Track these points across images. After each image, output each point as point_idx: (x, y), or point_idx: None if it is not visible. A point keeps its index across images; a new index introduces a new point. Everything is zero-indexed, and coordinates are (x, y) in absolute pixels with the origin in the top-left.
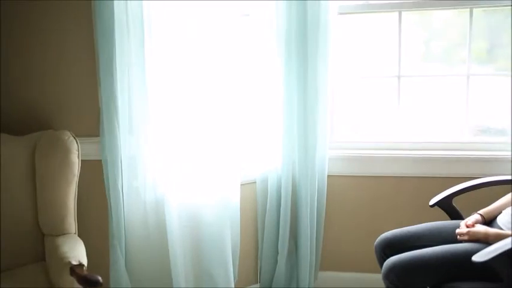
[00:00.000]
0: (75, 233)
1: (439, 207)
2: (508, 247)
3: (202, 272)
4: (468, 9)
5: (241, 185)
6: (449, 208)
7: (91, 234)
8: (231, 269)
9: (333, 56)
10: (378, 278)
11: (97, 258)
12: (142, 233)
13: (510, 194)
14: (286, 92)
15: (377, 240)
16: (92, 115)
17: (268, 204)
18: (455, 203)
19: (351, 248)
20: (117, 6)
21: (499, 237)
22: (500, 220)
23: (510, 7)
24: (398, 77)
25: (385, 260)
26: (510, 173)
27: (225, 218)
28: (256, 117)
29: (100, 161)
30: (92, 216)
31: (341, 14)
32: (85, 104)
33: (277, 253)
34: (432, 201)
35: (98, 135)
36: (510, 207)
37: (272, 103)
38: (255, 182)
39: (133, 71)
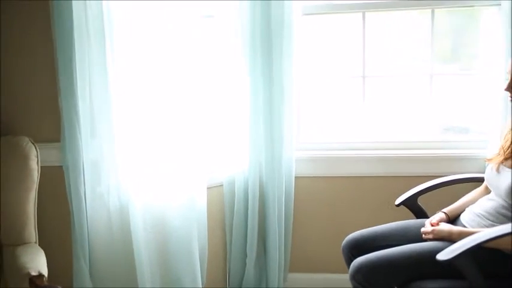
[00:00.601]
0: (35, 242)
1: (405, 206)
2: (470, 245)
3: (169, 277)
4: (430, 10)
5: (208, 188)
6: (415, 207)
7: (53, 242)
8: (199, 273)
9: (298, 57)
10: (347, 278)
11: (60, 267)
12: (106, 240)
13: (473, 191)
14: (252, 94)
15: (344, 241)
16: (52, 119)
17: (235, 206)
18: (421, 201)
19: (320, 249)
20: (76, 6)
21: (462, 235)
22: (463, 218)
23: (472, 7)
24: (363, 77)
25: (352, 261)
26: (474, 170)
27: (191, 222)
28: (222, 119)
29: (62, 166)
30: (54, 224)
31: (306, 14)
32: (45, 108)
33: (246, 255)
34: (398, 201)
35: (59, 140)
36: (473, 205)
37: (238, 105)
38: (222, 185)
39: (94, 73)
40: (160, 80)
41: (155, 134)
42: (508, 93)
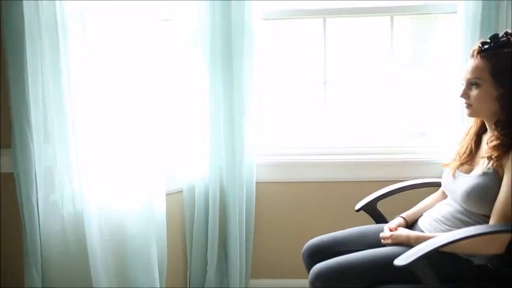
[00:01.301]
0: None
1: (364, 211)
2: (427, 250)
3: (127, 285)
4: (389, 17)
5: (167, 194)
6: (374, 212)
7: (4, 253)
8: (157, 280)
9: (259, 62)
10: None
11: (11, 279)
12: (60, 250)
13: (430, 196)
14: (212, 98)
15: (304, 247)
16: (3, 125)
17: (196, 212)
18: (380, 206)
19: (282, 255)
20: (27, 7)
21: (420, 240)
22: (421, 223)
23: (431, 14)
24: (325, 83)
25: (312, 267)
26: (432, 175)
27: (150, 230)
28: (182, 124)
29: (13, 173)
30: (5, 233)
31: (266, 19)
32: None
33: (207, 262)
34: (357, 206)
35: (10, 147)
36: (430, 210)
37: (198, 109)
38: (182, 191)
39: (47, 76)
40: (118, 84)
41: (112, 139)
42: (464, 100)
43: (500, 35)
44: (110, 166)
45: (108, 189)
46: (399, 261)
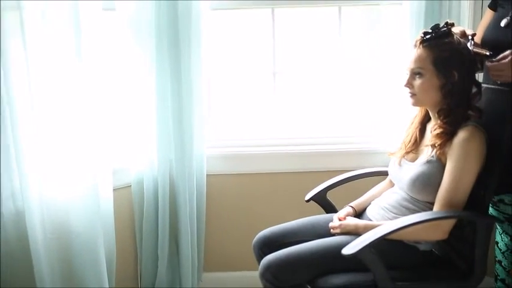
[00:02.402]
0: None
1: (315, 201)
2: (373, 238)
3: (73, 284)
4: (337, 7)
5: (115, 189)
6: (324, 202)
7: None
8: (106, 280)
9: (208, 53)
10: None
11: None
12: (1, 250)
13: (378, 185)
14: (159, 90)
15: (254, 239)
16: None
17: (145, 206)
18: (330, 196)
19: (234, 247)
20: None
21: (367, 229)
22: (369, 211)
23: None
24: (274, 74)
25: (263, 258)
26: (381, 164)
27: (96, 227)
28: (129, 117)
29: None
30: None
31: (214, 9)
32: None
33: (158, 257)
34: (307, 197)
35: None
36: (378, 199)
37: (145, 101)
38: (130, 185)
39: None
40: (59, 74)
41: (54, 134)
42: (408, 89)
43: (441, 25)
44: (52, 161)
45: (50, 185)
46: (347, 250)
